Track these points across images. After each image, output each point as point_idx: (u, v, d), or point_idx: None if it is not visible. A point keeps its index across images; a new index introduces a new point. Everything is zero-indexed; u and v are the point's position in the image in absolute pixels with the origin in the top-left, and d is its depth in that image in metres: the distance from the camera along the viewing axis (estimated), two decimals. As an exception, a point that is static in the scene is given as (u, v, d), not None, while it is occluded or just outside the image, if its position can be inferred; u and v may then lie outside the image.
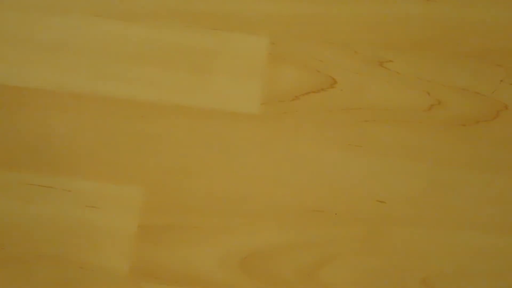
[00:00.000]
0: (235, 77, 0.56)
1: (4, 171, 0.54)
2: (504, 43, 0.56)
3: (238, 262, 0.52)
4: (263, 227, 0.52)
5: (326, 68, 0.56)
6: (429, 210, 0.53)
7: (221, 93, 0.55)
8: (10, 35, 0.57)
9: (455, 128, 0.54)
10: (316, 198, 0.53)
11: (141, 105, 0.55)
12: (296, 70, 0.56)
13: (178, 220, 0.53)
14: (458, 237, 0.52)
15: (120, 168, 0.54)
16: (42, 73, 0.56)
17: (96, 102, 0.55)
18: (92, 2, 0.58)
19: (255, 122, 0.55)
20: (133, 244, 0.52)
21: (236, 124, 0.55)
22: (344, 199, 0.53)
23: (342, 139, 0.54)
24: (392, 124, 0.54)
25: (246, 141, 0.54)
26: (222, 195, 0.53)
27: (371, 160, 0.54)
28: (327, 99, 0.55)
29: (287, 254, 0.52)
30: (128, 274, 0.52)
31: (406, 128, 0.54)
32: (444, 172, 0.53)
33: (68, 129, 0.55)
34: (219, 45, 0.57)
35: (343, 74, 0.56)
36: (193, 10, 0.57)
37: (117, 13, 0.58)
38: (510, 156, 0.54)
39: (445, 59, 0.56)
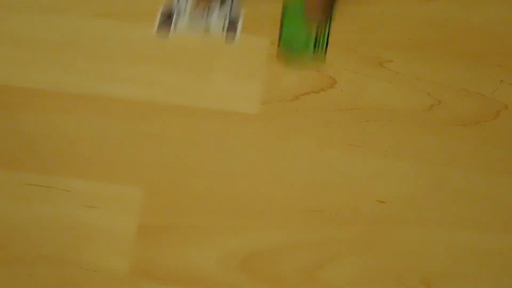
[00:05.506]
0: (235, 77, 0.56)
1: (4, 171, 0.54)
2: (504, 43, 0.56)
3: (238, 262, 0.52)
4: (263, 227, 0.52)
5: (326, 68, 0.56)
6: (429, 210, 0.53)
7: (221, 93, 0.55)
8: (10, 35, 0.57)
9: (455, 128, 0.54)
10: (316, 198, 0.53)
11: (141, 105, 0.55)
12: (296, 70, 0.56)
13: (178, 220, 0.53)
14: (458, 237, 0.52)
15: (120, 168, 0.54)
16: (42, 73, 0.56)
17: (96, 102, 0.55)
18: (92, 2, 0.58)
19: (255, 122, 0.55)
20: (133, 244, 0.52)
21: (236, 124, 0.55)
22: (344, 199, 0.53)
23: (342, 139, 0.54)
24: (392, 124, 0.54)
25: (246, 141, 0.54)
26: (221, 195, 0.53)
27: (371, 160, 0.54)
28: (327, 99, 0.55)
29: (287, 254, 0.52)
30: (128, 274, 0.52)
31: (406, 128, 0.54)
32: (444, 172, 0.53)
33: (68, 129, 0.55)
34: (219, 45, 0.57)
35: (343, 74, 0.56)
36: (193, 10, 0.58)
37: (117, 13, 0.58)
38: (510, 156, 0.54)
39: (445, 59, 0.56)
